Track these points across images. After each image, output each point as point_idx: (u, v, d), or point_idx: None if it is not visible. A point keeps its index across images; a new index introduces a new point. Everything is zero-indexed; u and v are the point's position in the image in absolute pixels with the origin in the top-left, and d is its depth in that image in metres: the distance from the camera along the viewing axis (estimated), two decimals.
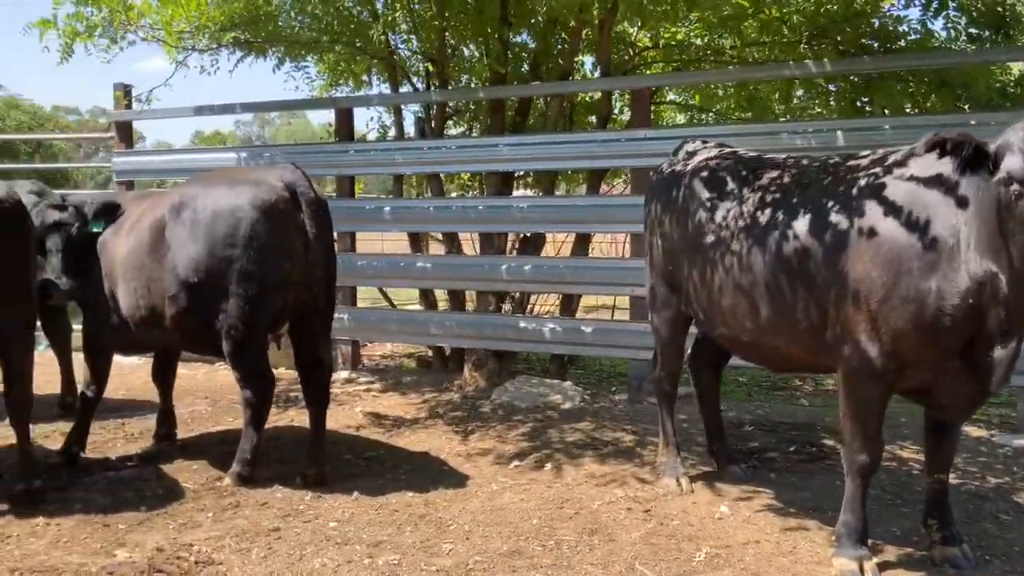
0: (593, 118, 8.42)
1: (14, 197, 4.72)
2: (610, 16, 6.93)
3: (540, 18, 7.13)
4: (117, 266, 5.31)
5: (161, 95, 8.88)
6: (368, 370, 8.37)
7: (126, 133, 9.34)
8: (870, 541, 4.01)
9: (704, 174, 4.71)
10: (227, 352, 4.95)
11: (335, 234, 6.59)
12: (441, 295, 8.76)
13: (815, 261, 3.88)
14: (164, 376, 6.18)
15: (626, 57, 7.91)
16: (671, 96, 9.89)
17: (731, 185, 4.51)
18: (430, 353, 8.52)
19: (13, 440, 4.98)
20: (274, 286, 4.88)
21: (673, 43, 8.57)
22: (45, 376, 6.68)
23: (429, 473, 5.45)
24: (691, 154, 5.05)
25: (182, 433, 6.35)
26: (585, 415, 6.75)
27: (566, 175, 8.87)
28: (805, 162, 4.36)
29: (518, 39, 7.78)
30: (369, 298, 10.42)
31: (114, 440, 6.24)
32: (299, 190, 4.92)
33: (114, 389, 6.37)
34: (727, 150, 4.92)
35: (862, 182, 3.82)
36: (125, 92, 9.17)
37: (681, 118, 10.14)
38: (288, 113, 38.60)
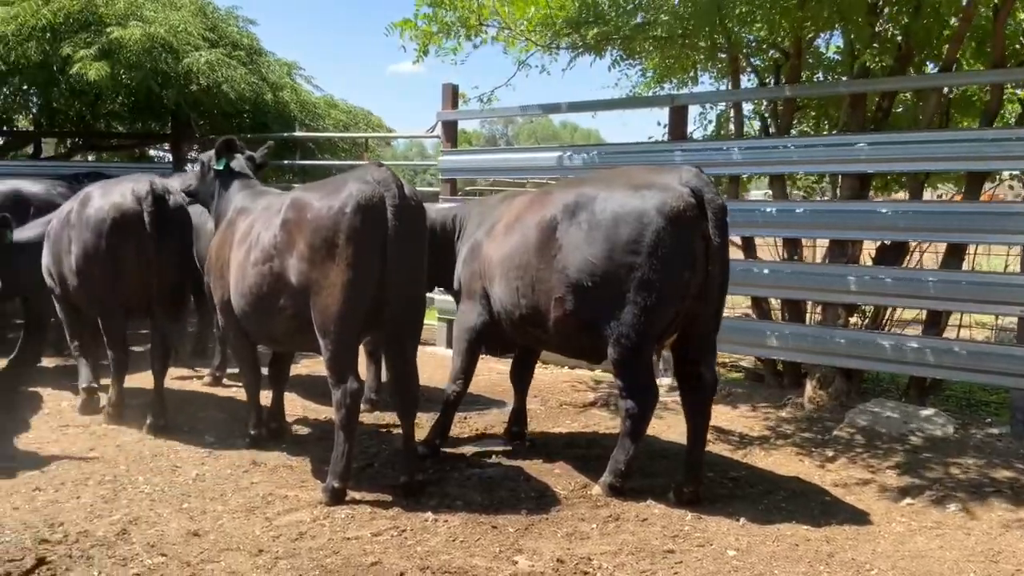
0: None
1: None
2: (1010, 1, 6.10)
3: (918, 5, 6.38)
4: (494, 265, 5.29)
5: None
6: None
7: (451, 132, 9.60)
8: None
9: None
10: (614, 361, 4.76)
11: None
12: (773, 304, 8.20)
13: None
14: (522, 376, 6.15)
15: (1016, 46, 6.95)
16: None
17: None
18: (761, 365, 8.01)
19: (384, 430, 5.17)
20: (672, 296, 4.60)
21: None
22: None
23: (810, 502, 4.99)
24: None
25: None
26: (965, 448, 5.98)
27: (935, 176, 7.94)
28: None
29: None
30: None
31: (459, 435, 6.31)
32: (705, 196, 4.61)
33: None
34: None
35: None
36: (453, 92, 9.41)
37: None
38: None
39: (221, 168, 6.03)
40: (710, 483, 5.23)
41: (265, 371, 6.11)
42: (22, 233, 7.17)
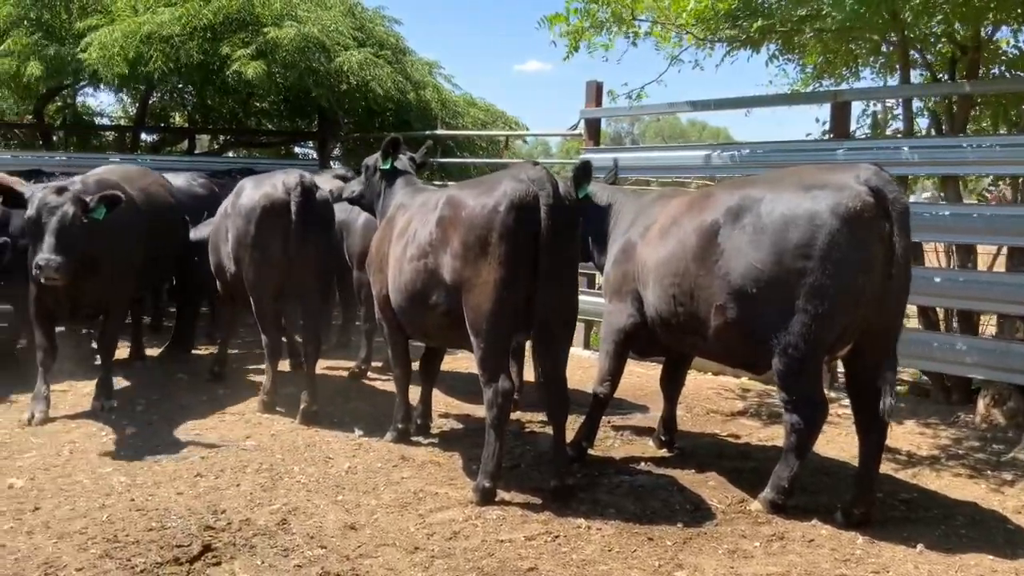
0: None
1: None
2: None
3: None
4: (649, 269, 5.11)
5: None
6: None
7: (594, 130, 9.45)
8: None
9: None
10: (779, 372, 4.49)
11: None
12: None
13: None
14: (673, 382, 5.95)
15: None
16: None
17: None
18: (927, 379, 7.49)
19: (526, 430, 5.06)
20: (846, 304, 4.30)
21: None
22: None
23: (992, 530, 4.60)
24: None
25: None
26: None
27: None
28: None
29: None
30: None
31: (604, 439, 6.15)
32: (888, 195, 4.28)
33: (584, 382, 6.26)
34: None
35: None
36: (597, 90, 9.26)
37: None
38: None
39: (387, 168, 6.10)
40: (880, 504, 4.87)
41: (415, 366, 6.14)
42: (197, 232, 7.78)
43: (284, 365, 7.29)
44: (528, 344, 5.58)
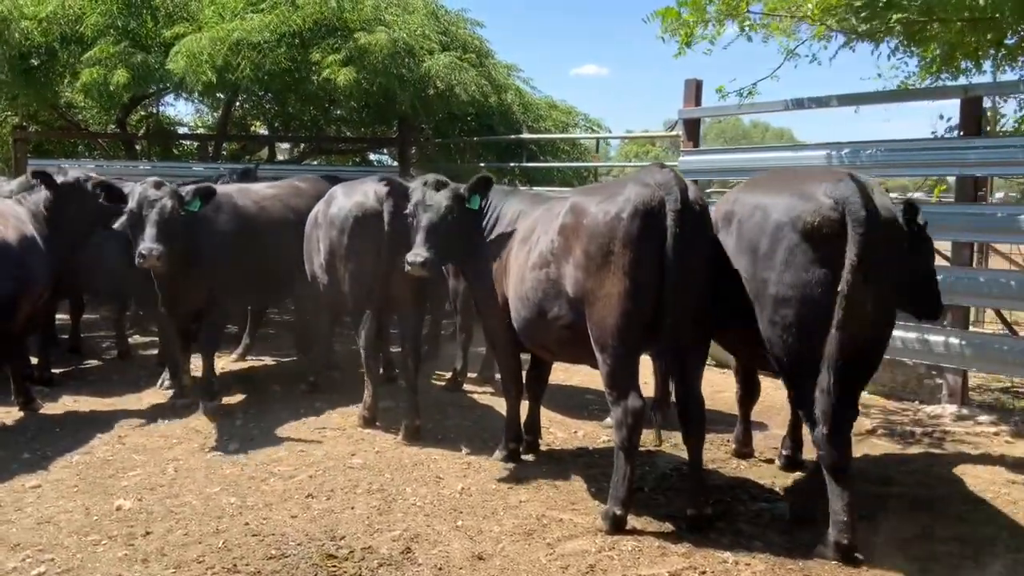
0: None
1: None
2: None
3: None
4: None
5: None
6: (983, 407, 7.03)
7: (693, 131, 9.04)
8: None
9: None
10: None
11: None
12: None
13: None
14: (751, 396, 5.77)
15: None
16: None
17: None
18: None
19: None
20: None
21: None
22: None
23: None
24: None
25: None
26: None
27: None
28: None
29: None
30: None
31: (727, 460, 5.75)
32: (850, 208, 4.07)
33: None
34: None
35: None
36: (696, 88, 8.86)
37: None
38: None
39: (475, 207, 5.53)
40: None
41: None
42: None
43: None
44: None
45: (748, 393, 5.79)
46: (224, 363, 8.09)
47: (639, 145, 47.86)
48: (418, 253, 5.25)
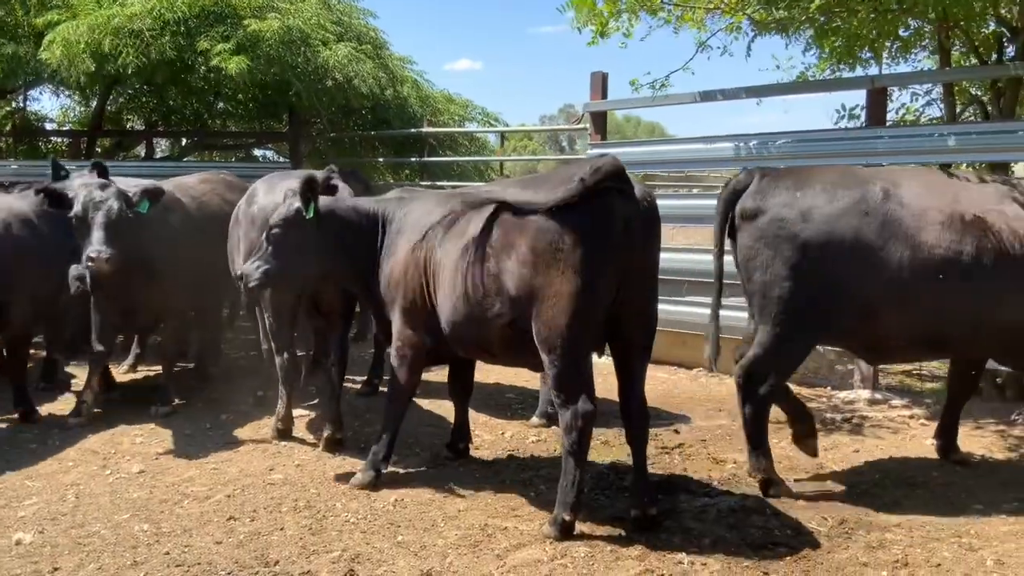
0: None
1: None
2: None
3: None
4: None
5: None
6: (892, 390, 7.23)
7: (601, 124, 8.97)
8: None
9: None
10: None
11: None
12: None
13: None
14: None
15: None
16: None
17: None
18: None
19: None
20: None
21: None
22: None
23: None
24: None
25: (718, 451, 5.71)
26: None
27: None
28: None
29: None
30: None
31: (659, 455, 5.68)
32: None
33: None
34: None
35: None
36: (602, 81, 8.79)
37: None
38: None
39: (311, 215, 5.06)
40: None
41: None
42: None
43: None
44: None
45: None
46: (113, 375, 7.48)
47: (516, 140, 47.98)
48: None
